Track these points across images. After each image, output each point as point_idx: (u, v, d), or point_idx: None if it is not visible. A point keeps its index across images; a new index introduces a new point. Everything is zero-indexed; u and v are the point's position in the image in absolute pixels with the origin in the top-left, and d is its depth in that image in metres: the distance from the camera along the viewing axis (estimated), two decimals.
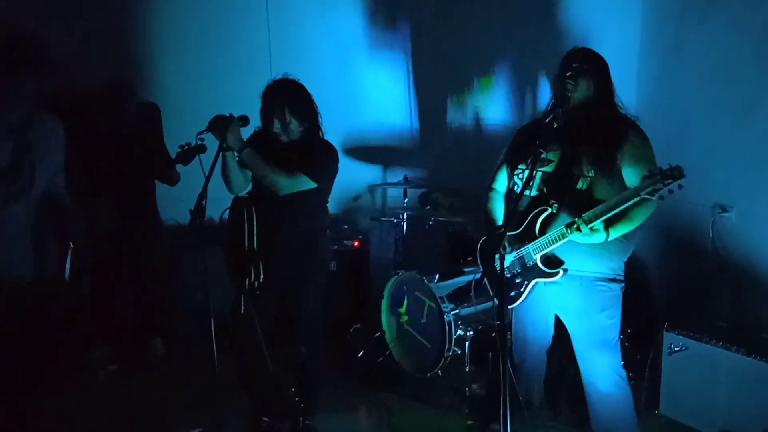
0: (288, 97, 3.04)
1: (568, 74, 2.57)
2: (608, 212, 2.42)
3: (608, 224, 2.47)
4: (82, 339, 4.22)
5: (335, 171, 3.15)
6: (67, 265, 2.61)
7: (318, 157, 3.06)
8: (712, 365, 3.04)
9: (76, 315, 4.50)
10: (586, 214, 2.45)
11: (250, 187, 3.10)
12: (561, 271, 2.62)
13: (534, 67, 4.79)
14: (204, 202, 2.52)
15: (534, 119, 2.91)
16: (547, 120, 2.52)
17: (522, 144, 2.74)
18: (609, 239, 2.50)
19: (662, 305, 4.19)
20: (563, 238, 2.53)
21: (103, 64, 4.45)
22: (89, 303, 4.27)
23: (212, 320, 2.48)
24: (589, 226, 2.43)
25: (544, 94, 4.83)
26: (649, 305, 4.21)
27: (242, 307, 2.90)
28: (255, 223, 2.86)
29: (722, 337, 3.06)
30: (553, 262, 2.65)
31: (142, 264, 4.23)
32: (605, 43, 4.54)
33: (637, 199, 2.36)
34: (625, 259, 2.71)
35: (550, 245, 2.59)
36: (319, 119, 3.20)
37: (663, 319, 3.33)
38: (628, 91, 4.60)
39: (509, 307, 2.81)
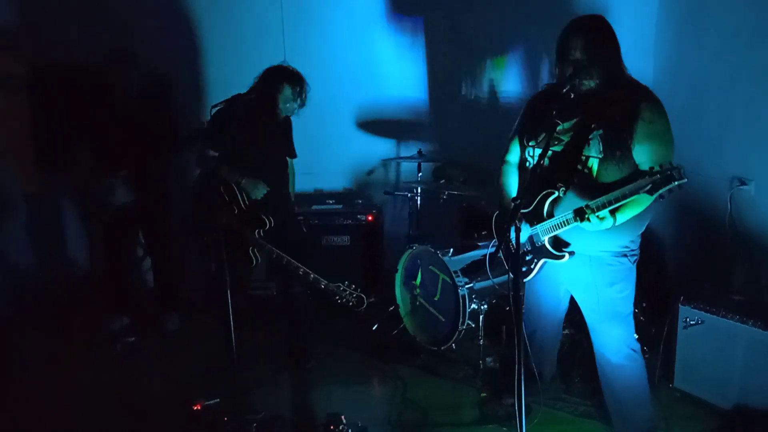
0: (304, 82, 3.51)
1: (569, 51, 2.47)
2: (609, 206, 2.36)
3: (614, 209, 2.40)
4: (100, 312, 4.28)
5: None
6: None
7: (291, 137, 3.74)
8: (727, 339, 3.03)
9: (93, 289, 4.59)
10: (593, 202, 2.39)
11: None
12: (567, 255, 2.62)
13: (549, 38, 4.70)
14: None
15: (546, 87, 2.85)
16: (564, 90, 2.43)
17: (534, 114, 2.69)
18: (617, 224, 2.44)
19: (678, 279, 4.17)
20: (568, 224, 2.50)
21: (110, 35, 4.45)
22: (106, 277, 4.33)
23: (228, 291, 2.50)
24: (596, 214, 2.38)
25: None
26: (665, 279, 4.19)
27: (255, 260, 3.33)
28: (238, 190, 3.33)
29: (738, 310, 3.03)
30: (560, 243, 2.65)
31: (156, 237, 4.27)
32: (623, 11, 4.47)
33: (636, 197, 2.30)
34: (639, 233, 2.66)
35: (557, 229, 2.57)
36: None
37: (678, 292, 3.31)
38: (646, 60, 4.56)
39: (522, 281, 2.82)
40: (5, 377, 3.69)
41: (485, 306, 3.59)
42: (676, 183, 2.21)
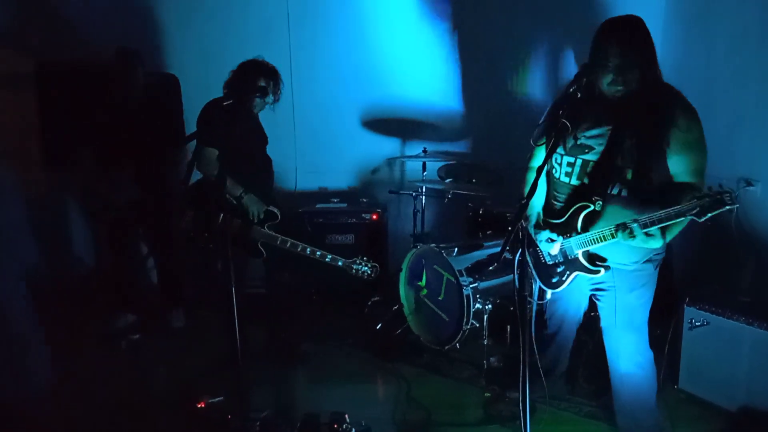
0: (279, 76, 3.57)
1: (609, 52, 2.34)
2: (655, 225, 2.26)
3: (663, 228, 2.31)
4: (105, 310, 4.29)
5: None
6: None
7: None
8: (733, 340, 3.02)
9: (98, 287, 4.59)
10: (642, 218, 2.28)
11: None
12: (602, 270, 2.55)
13: (559, 39, 4.71)
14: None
15: (567, 87, 2.78)
16: (571, 90, 2.36)
17: (554, 117, 2.62)
18: (666, 242, 2.37)
19: (684, 280, 4.15)
20: (611, 238, 2.40)
21: (115, 34, 4.46)
22: (110, 274, 4.34)
23: (233, 288, 2.49)
24: (644, 231, 2.28)
25: (569, 68, 4.75)
26: (670, 280, 4.17)
27: (263, 254, 3.42)
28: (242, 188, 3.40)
29: (744, 312, 3.02)
30: (595, 257, 2.58)
31: (160, 235, 4.27)
32: (629, 9, 4.44)
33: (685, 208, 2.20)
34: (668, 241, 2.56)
35: (595, 243, 2.48)
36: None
37: (684, 293, 3.30)
38: None
39: (552, 291, 2.78)
40: (10, 375, 3.70)
41: (489, 306, 3.58)
42: (727, 208, 2.12)
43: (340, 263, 3.31)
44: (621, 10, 4.37)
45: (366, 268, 3.34)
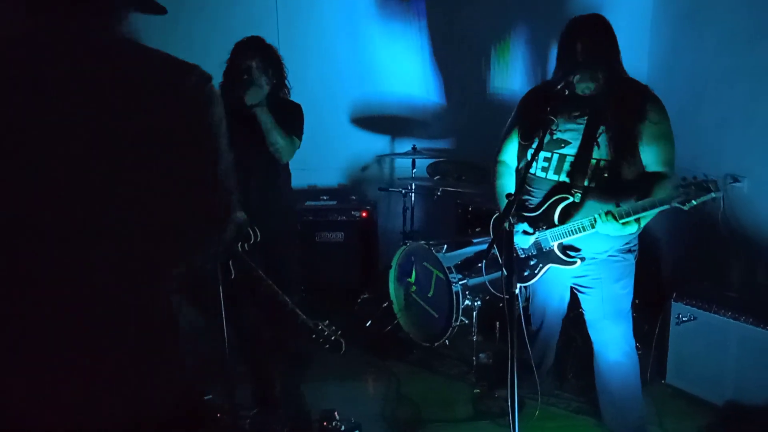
0: (260, 50, 3.04)
1: (572, 52, 2.42)
2: (642, 212, 2.34)
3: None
4: None
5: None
6: None
7: (297, 116, 3.21)
8: (720, 335, 3.04)
9: None
10: (623, 207, 2.36)
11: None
12: (578, 261, 2.60)
13: (546, 36, 4.71)
14: None
15: (543, 83, 2.82)
16: (559, 87, 2.40)
17: (532, 111, 2.64)
18: (641, 227, 2.45)
19: (671, 275, 4.17)
20: (591, 228, 2.45)
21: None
22: None
23: (220, 287, 2.48)
24: (622, 221, 2.35)
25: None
26: (658, 275, 4.20)
27: (233, 273, 2.83)
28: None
29: (731, 307, 3.04)
30: (568, 249, 2.62)
31: None
32: (617, 7, 4.47)
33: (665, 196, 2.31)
34: (640, 231, 2.66)
35: (572, 234, 2.52)
36: (287, 82, 3.23)
37: (671, 289, 3.32)
38: (640, 57, 4.55)
39: (523, 285, 2.82)
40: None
41: (479, 302, 3.59)
42: (712, 195, 2.21)
43: (299, 320, 2.63)
44: (609, 6, 4.42)
45: (330, 339, 2.57)
